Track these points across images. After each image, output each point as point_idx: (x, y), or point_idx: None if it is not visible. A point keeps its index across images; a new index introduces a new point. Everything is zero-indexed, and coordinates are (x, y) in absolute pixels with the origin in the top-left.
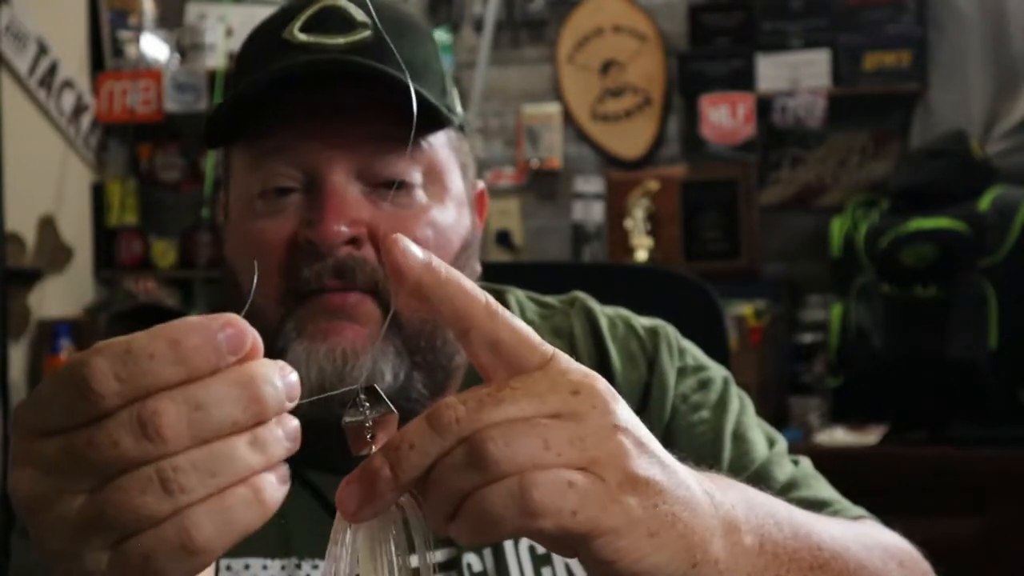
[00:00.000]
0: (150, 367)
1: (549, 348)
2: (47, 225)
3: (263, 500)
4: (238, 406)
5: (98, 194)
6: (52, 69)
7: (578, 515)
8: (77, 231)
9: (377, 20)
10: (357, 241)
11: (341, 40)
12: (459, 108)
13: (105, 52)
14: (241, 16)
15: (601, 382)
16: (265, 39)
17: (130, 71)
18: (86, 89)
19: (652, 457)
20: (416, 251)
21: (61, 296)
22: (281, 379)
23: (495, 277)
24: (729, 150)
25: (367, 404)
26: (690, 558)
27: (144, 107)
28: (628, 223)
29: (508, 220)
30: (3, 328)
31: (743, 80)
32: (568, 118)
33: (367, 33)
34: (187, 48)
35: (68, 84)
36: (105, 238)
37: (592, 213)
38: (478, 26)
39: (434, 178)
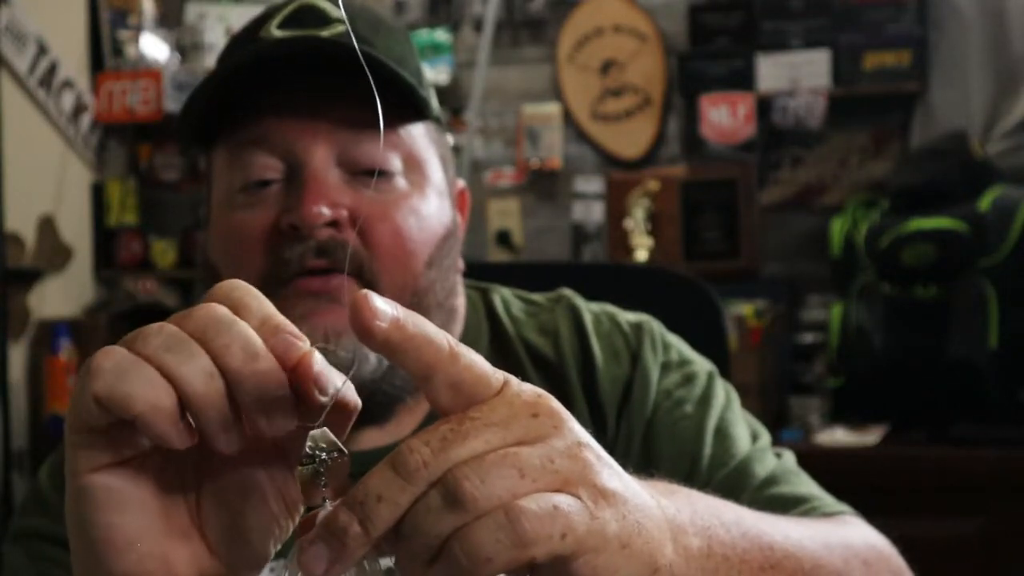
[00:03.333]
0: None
1: (501, 374)
2: (47, 225)
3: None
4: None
5: (98, 194)
6: (52, 69)
7: (567, 537)
8: (77, 231)
9: (353, 16)
10: (338, 225)
11: (316, 34)
12: (436, 105)
13: (105, 52)
14: (241, 16)
15: (555, 401)
16: (242, 40)
17: (130, 71)
18: (86, 89)
19: (612, 469)
20: (385, 308)
21: (61, 296)
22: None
23: (495, 277)
24: (729, 150)
25: (322, 448)
26: (652, 564)
27: (144, 107)
28: (628, 223)
29: (508, 220)
30: (3, 328)
31: (743, 80)
32: (568, 118)
33: (342, 28)
34: (187, 48)
35: (68, 84)
36: (105, 238)
37: (592, 213)
38: (478, 26)
39: (414, 167)
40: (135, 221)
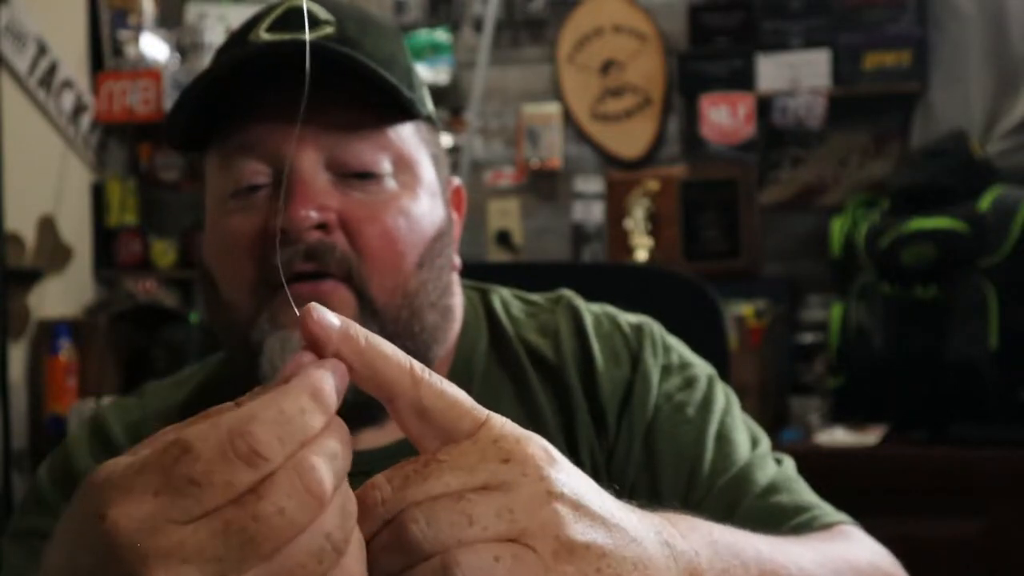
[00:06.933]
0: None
1: (482, 412)
2: (47, 225)
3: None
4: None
5: (98, 194)
6: (52, 69)
7: None
8: (77, 231)
9: (342, 17)
10: (327, 228)
11: (301, 37)
12: (430, 104)
13: (105, 52)
14: (241, 16)
15: (535, 445)
16: (232, 44)
17: (130, 71)
18: (86, 89)
19: (593, 519)
20: (332, 319)
21: (61, 296)
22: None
23: (495, 277)
24: (729, 150)
25: None
26: None
27: (144, 107)
28: (628, 223)
29: (508, 220)
30: (3, 328)
31: (743, 80)
32: (568, 118)
33: (331, 30)
34: (187, 48)
35: (68, 84)
36: (105, 238)
37: (592, 213)
38: (478, 26)
39: (404, 168)
40: (135, 221)
